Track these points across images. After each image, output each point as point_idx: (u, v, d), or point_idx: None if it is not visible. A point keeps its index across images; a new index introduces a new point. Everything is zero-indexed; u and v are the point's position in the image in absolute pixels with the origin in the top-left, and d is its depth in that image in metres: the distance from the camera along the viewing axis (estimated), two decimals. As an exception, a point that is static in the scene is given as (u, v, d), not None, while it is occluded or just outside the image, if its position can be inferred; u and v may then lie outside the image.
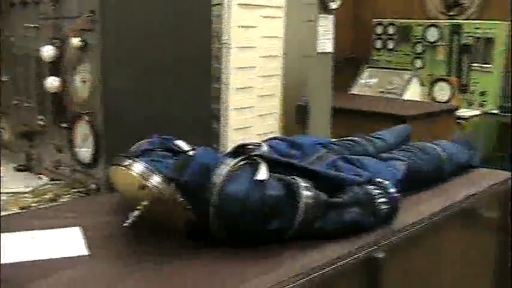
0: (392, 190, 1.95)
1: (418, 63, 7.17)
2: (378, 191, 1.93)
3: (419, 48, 7.18)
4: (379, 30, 7.54)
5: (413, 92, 6.76)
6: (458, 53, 6.94)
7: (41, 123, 3.00)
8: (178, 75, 2.79)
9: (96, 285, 1.56)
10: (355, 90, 7.01)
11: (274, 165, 1.87)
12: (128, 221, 1.69)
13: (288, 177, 1.84)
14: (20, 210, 2.42)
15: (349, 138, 2.57)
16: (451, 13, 7.34)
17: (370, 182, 1.99)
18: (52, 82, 2.73)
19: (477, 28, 6.80)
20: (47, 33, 2.84)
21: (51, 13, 2.79)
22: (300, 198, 1.77)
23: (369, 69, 7.25)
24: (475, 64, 6.85)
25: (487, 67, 6.76)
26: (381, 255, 1.89)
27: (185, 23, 2.80)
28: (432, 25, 7.08)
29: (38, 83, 2.97)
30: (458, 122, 6.22)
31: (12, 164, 3.20)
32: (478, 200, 2.51)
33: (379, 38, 7.55)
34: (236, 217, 1.72)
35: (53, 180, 2.89)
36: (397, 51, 7.39)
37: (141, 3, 2.64)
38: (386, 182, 1.98)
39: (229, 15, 3.22)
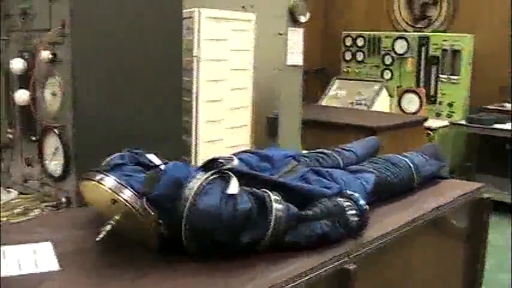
0: (362, 202, 1.97)
1: (387, 74, 7.26)
2: (347, 203, 1.95)
3: (388, 60, 7.26)
4: (348, 42, 7.62)
5: (382, 103, 6.84)
6: (426, 64, 7.04)
7: (10, 136, 2.98)
8: (149, 88, 2.79)
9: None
10: (324, 102, 7.06)
11: (245, 179, 1.89)
12: (100, 236, 1.68)
13: (259, 190, 1.85)
14: (-12, 225, 2.40)
15: (319, 150, 2.60)
16: (419, 25, 7.46)
17: (340, 194, 2.02)
18: (21, 95, 2.71)
19: (444, 40, 6.91)
20: (16, 46, 2.83)
21: (20, 26, 2.77)
22: (271, 211, 1.79)
23: (338, 80, 7.32)
24: (443, 75, 6.96)
25: (454, 78, 6.87)
26: (351, 266, 1.90)
27: (156, 36, 2.80)
28: (400, 37, 7.18)
29: (6, 95, 2.95)
30: (427, 133, 6.30)
31: (-19, 178, 3.17)
32: (447, 211, 2.54)
33: (349, 50, 7.63)
34: (208, 231, 1.73)
35: (22, 193, 2.87)
36: (366, 62, 7.47)
37: (112, 17, 2.64)
38: (356, 194, 2.00)
39: (199, 28, 3.23)
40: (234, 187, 1.78)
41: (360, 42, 7.50)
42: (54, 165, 2.68)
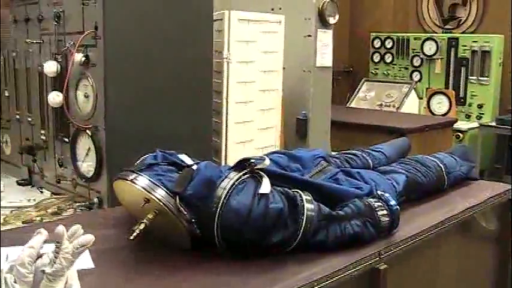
0: (392, 202, 1.97)
1: (416, 76, 7.22)
2: (378, 204, 1.95)
3: (416, 62, 7.22)
4: (377, 43, 7.59)
5: (411, 105, 6.80)
6: (456, 66, 6.98)
7: (43, 137, 3.03)
8: (180, 89, 2.82)
9: (102, 298, 1.58)
10: (353, 104, 7.05)
11: (276, 179, 1.90)
12: (133, 234, 1.71)
13: (290, 190, 1.86)
14: (23, 224, 2.44)
15: (348, 151, 2.60)
16: (448, 26, 7.40)
17: (371, 194, 2.02)
18: (54, 97, 2.75)
19: (474, 41, 6.85)
20: (49, 48, 2.87)
21: (54, 29, 2.82)
22: (302, 211, 1.80)
23: (367, 82, 7.29)
24: (473, 77, 6.90)
25: (484, 80, 6.81)
26: (382, 266, 1.91)
27: (187, 38, 2.83)
28: (429, 38, 7.13)
29: (40, 98, 3.00)
30: (456, 135, 6.26)
31: (15, 178, 3.23)
32: (477, 212, 2.53)
33: (377, 52, 7.60)
34: (239, 230, 1.75)
35: (55, 194, 2.91)
36: (394, 64, 7.44)
37: (144, 20, 2.67)
38: (387, 195, 2.00)
39: (229, 30, 3.25)
40: (266, 187, 1.80)
41: (388, 43, 7.47)
42: (87, 166, 2.71)
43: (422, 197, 2.45)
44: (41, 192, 3.01)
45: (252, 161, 1.90)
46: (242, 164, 1.89)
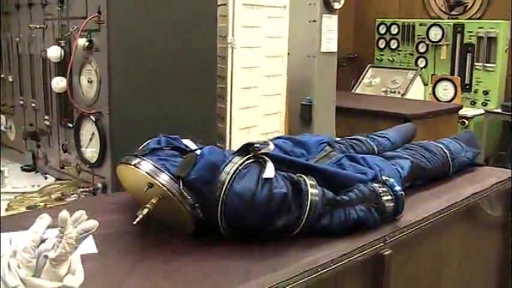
0: (397, 188, 1.96)
1: (421, 62, 7.19)
2: (383, 189, 1.94)
3: (422, 48, 7.19)
4: (382, 29, 7.56)
5: (417, 92, 6.78)
6: (461, 52, 6.94)
7: (47, 123, 3.02)
8: (184, 75, 2.81)
9: (105, 282, 1.57)
10: (358, 90, 7.03)
11: (280, 164, 1.90)
12: (137, 219, 1.70)
13: (295, 175, 1.85)
14: (27, 210, 2.44)
15: (353, 137, 2.59)
16: (454, 12, 7.36)
17: (376, 180, 2.01)
18: (58, 82, 2.74)
19: (480, 27, 6.81)
20: (53, 33, 2.86)
21: (57, 14, 2.81)
22: (306, 196, 1.79)
23: (372, 68, 7.26)
24: (478, 63, 6.86)
25: (490, 66, 6.77)
26: (387, 252, 1.90)
27: (191, 23, 2.81)
28: (435, 24, 7.09)
29: (44, 83, 2.99)
30: (462, 121, 6.23)
31: (19, 163, 3.22)
32: (482, 198, 2.52)
33: (382, 38, 7.56)
34: (243, 214, 1.74)
35: (59, 179, 2.91)
36: (400, 50, 7.40)
37: (147, 4, 2.65)
38: (392, 180, 1.99)
39: (233, 15, 3.23)
40: (270, 171, 1.79)
41: (394, 30, 7.42)
42: (91, 151, 2.71)
43: (427, 182, 2.44)
44: (45, 178, 3.01)
45: (256, 145, 1.89)
46: (246, 149, 1.88)
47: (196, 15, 2.85)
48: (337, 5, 4.08)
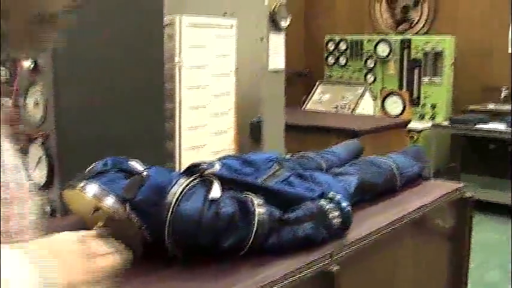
0: (344, 204, 1.98)
1: (370, 77, 7.30)
2: (330, 206, 1.96)
3: (370, 63, 7.30)
4: (331, 46, 7.65)
5: (366, 107, 6.87)
6: (409, 67, 7.08)
7: (-7, 146, 2.97)
8: (132, 95, 2.80)
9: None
10: (308, 107, 7.09)
11: (227, 183, 1.90)
12: (83, 243, 1.68)
13: (241, 194, 1.86)
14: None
15: (301, 154, 2.61)
16: (401, 28, 7.51)
17: (323, 196, 2.03)
18: (3, 104, 2.71)
19: (426, 42, 6.96)
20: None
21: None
22: (253, 215, 1.80)
23: (322, 85, 7.34)
24: (426, 77, 7.00)
25: (436, 80, 6.92)
26: (335, 268, 1.91)
27: (138, 43, 2.82)
28: (383, 40, 7.21)
29: (-11, 106, 2.96)
30: (410, 136, 6.34)
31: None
32: (430, 210, 2.56)
33: (331, 54, 7.66)
34: (191, 235, 1.74)
35: (6, 203, 2.86)
36: (349, 66, 7.51)
37: (93, 23, 2.64)
38: (339, 196, 2.01)
39: (180, 35, 3.24)
40: (216, 191, 1.80)
41: (342, 46, 7.53)
42: (38, 174, 2.67)
43: (375, 197, 2.47)
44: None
45: (202, 166, 1.90)
46: (192, 169, 1.88)
47: (142, 35, 2.85)
48: (283, 23, 4.12)
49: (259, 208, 1.82)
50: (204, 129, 3.49)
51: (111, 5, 2.71)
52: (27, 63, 2.59)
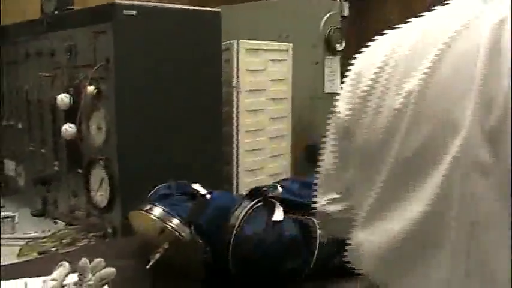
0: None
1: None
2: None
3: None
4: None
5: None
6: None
7: (57, 168, 3.06)
8: (191, 120, 2.85)
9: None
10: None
11: (289, 206, 1.91)
12: (150, 264, 1.72)
13: (303, 217, 1.87)
14: (37, 255, 2.45)
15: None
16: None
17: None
18: (68, 129, 2.78)
19: None
20: (62, 81, 2.91)
21: (65, 62, 2.86)
22: (315, 238, 1.81)
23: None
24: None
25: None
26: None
27: (196, 68, 2.86)
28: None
29: (53, 130, 3.04)
30: None
31: (29, 209, 3.25)
32: None
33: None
34: (253, 258, 1.76)
35: (68, 224, 2.93)
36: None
37: (154, 51, 2.70)
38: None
39: (238, 59, 3.29)
40: (279, 214, 1.82)
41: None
42: (100, 196, 2.74)
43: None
44: (55, 223, 3.03)
45: (265, 189, 1.92)
46: (255, 192, 1.91)
47: (201, 60, 2.90)
48: (338, 47, 4.14)
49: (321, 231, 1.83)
50: (261, 153, 3.51)
51: (170, 32, 2.77)
52: (90, 90, 2.65)
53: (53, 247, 2.56)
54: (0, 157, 3.69)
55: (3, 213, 3.05)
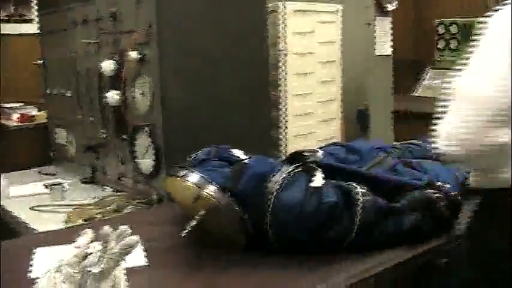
0: (453, 193, 1.89)
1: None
2: (438, 195, 1.87)
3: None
4: (441, 30, 7.40)
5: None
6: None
7: (104, 136, 3.06)
8: (236, 84, 2.80)
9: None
10: (419, 93, 6.89)
11: (331, 172, 1.85)
12: (184, 232, 1.69)
13: (345, 183, 1.81)
14: (83, 222, 2.46)
15: (409, 141, 2.52)
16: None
17: (431, 185, 1.94)
18: (113, 96, 2.78)
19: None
20: (106, 48, 2.90)
21: (110, 28, 2.84)
22: (357, 205, 1.74)
23: (432, 70, 7.12)
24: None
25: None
26: (443, 261, 1.83)
27: (241, 31, 2.81)
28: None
29: (99, 97, 3.03)
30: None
31: (79, 176, 3.28)
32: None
33: (442, 38, 7.40)
34: (292, 225, 1.71)
35: (116, 191, 2.95)
36: (460, 50, 7.23)
37: (196, 15, 2.66)
38: (448, 185, 1.92)
39: (284, 22, 3.21)
40: (318, 180, 1.75)
41: (453, 29, 7.26)
42: (146, 163, 2.73)
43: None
44: (104, 189, 3.05)
45: (305, 153, 1.86)
46: (295, 158, 1.85)
47: (246, 23, 2.84)
48: (390, 7, 4.01)
49: (363, 197, 1.76)
50: (310, 117, 3.44)
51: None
52: (133, 56, 2.63)
53: (98, 214, 2.57)
54: (52, 125, 3.73)
55: (52, 181, 3.09)
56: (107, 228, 1.26)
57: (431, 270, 1.82)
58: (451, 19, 7.31)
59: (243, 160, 1.88)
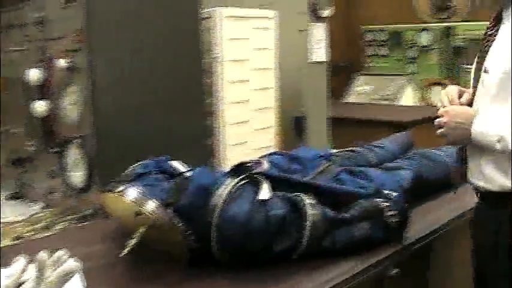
0: (400, 202, 1.86)
1: (412, 67, 7.11)
2: (386, 204, 1.83)
3: (411, 53, 7.11)
4: (369, 36, 7.48)
5: (409, 97, 6.71)
6: (451, 55, 6.89)
7: (32, 148, 2.91)
8: (170, 92, 2.71)
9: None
10: (349, 99, 6.95)
11: (276, 183, 1.78)
12: (124, 251, 1.59)
13: (292, 195, 1.74)
14: (12, 242, 2.32)
15: (349, 148, 2.49)
16: (442, 16, 7.29)
17: (377, 194, 1.90)
18: (40, 106, 2.65)
19: (469, 30, 6.75)
20: (33, 55, 2.75)
21: (37, 35, 2.71)
22: (306, 217, 1.69)
23: (362, 76, 7.19)
24: (469, 66, 6.78)
25: (481, 68, 6.70)
26: (393, 271, 1.79)
27: (174, 38, 2.73)
28: (424, 29, 7.02)
29: (25, 107, 2.88)
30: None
31: (4, 192, 3.11)
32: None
33: (370, 45, 7.48)
34: (240, 240, 1.64)
35: (46, 207, 2.80)
36: (389, 56, 7.33)
37: (128, 21, 2.56)
38: (395, 194, 1.88)
39: (219, 28, 3.13)
40: (265, 192, 1.69)
41: (382, 36, 7.35)
42: (77, 176, 2.60)
43: (430, 193, 2.34)
44: (31, 205, 2.90)
45: (250, 164, 1.78)
46: (239, 169, 1.77)
47: (179, 30, 2.76)
48: (325, 13, 3.99)
49: (312, 209, 1.70)
50: (246, 125, 3.36)
51: (146, 2, 2.63)
52: (62, 63, 2.50)
53: (28, 232, 2.43)
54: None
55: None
56: (42, 255, 1.15)
57: (382, 280, 1.78)
58: (380, 26, 7.40)
59: (184, 173, 1.79)
